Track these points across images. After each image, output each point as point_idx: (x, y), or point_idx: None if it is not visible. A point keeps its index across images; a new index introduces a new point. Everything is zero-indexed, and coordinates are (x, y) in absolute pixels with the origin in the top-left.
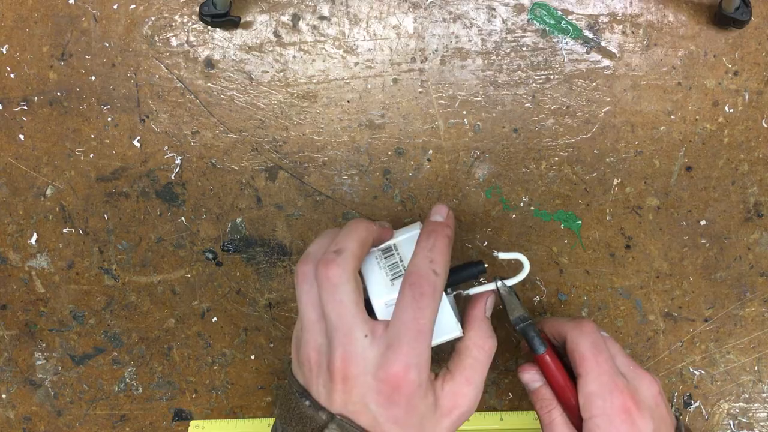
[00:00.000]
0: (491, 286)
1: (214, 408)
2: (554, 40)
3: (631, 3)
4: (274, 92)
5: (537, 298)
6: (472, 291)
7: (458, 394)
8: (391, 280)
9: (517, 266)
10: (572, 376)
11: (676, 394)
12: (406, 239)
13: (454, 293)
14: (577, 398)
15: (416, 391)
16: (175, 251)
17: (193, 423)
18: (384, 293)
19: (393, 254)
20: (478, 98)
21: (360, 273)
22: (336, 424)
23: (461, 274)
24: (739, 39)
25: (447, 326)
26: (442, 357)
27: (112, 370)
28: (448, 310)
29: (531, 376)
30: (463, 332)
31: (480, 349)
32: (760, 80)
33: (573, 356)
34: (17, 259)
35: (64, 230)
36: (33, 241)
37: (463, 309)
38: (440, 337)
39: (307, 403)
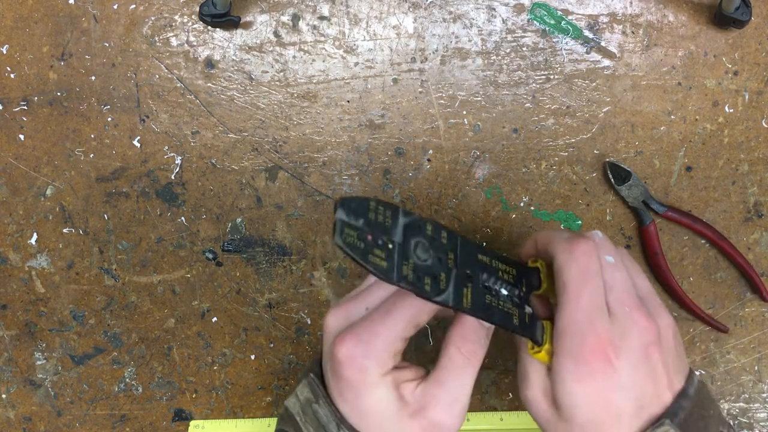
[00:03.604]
0: None
1: (214, 408)
2: (554, 40)
3: (631, 3)
4: (274, 92)
5: None
6: None
7: (428, 395)
8: None
9: None
10: None
11: None
12: None
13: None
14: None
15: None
16: (175, 251)
17: (193, 423)
18: None
19: None
20: (478, 98)
21: None
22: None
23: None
24: (739, 39)
25: None
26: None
27: (112, 370)
28: None
29: None
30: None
31: (457, 349)
32: (760, 80)
33: (556, 281)
34: (17, 259)
35: (64, 230)
36: (33, 241)
37: None
38: None
39: None
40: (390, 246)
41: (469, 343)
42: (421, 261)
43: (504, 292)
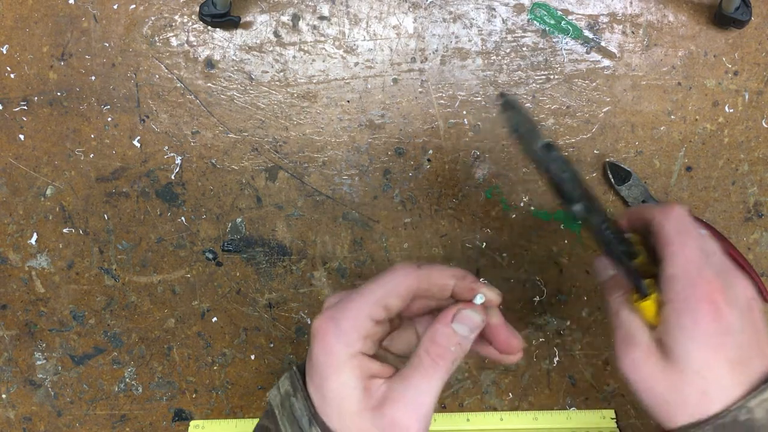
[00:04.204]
0: (480, 299)
1: (214, 408)
2: (554, 40)
3: (631, 3)
4: (274, 92)
5: (537, 298)
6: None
7: (392, 391)
8: None
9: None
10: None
11: None
12: None
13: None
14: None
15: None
16: (175, 251)
17: (193, 423)
18: None
19: None
20: (478, 98)
21: None
22: None
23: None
24: (739, 39)
25: None
26: None
27: (112, 370)
28: None
29: (602, 264)
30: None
31: (425, 351)
32: (760, 80)
33: (657, 241)
34: (17, 259)
35: (64, 230)
36: (33, 241)
37: None
38: None
39: None
40: (540, 144)
41: (437, 347)
42: (561, 172)
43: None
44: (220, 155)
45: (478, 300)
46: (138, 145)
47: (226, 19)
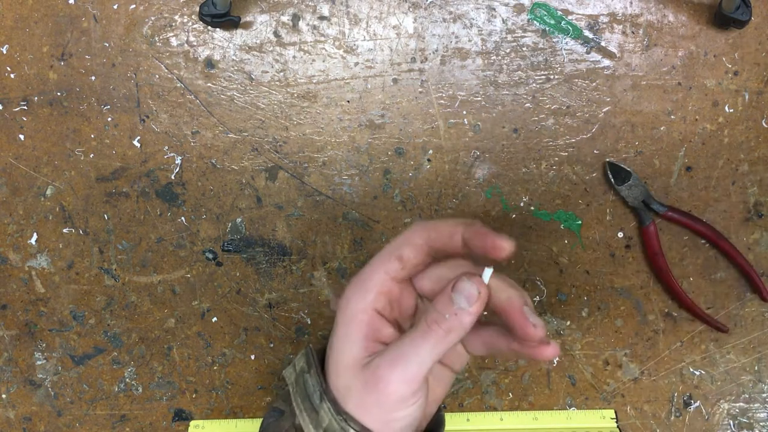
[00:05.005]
0: (488, 273)
1: (214, 408)
2: (554, 40)
3: (631, 3)
4: (274, 92)
5: (537, 298)
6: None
7: (386, 349)
8: None
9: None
10: None
11: (676, 394)
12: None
13: None
14: None
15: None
16: (175, 251)
17: (193, 423)
18: None
19: None
20: (478, 98)
21: None
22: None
23: None
24: (739, 39)
25: None
26: None
27: (112, 370)
28: None
29: None
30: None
31: (424, 316)
32: (760, 80)
33: None
34: (17, 259)
35: (64, 230)
36: (33, 241)
37: None
38: None
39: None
40: None
41: (434, 313)
42: None
43: None
44: (220, 155)
45: (485, 274)
46: (138, 145)
47: (226, 19)
